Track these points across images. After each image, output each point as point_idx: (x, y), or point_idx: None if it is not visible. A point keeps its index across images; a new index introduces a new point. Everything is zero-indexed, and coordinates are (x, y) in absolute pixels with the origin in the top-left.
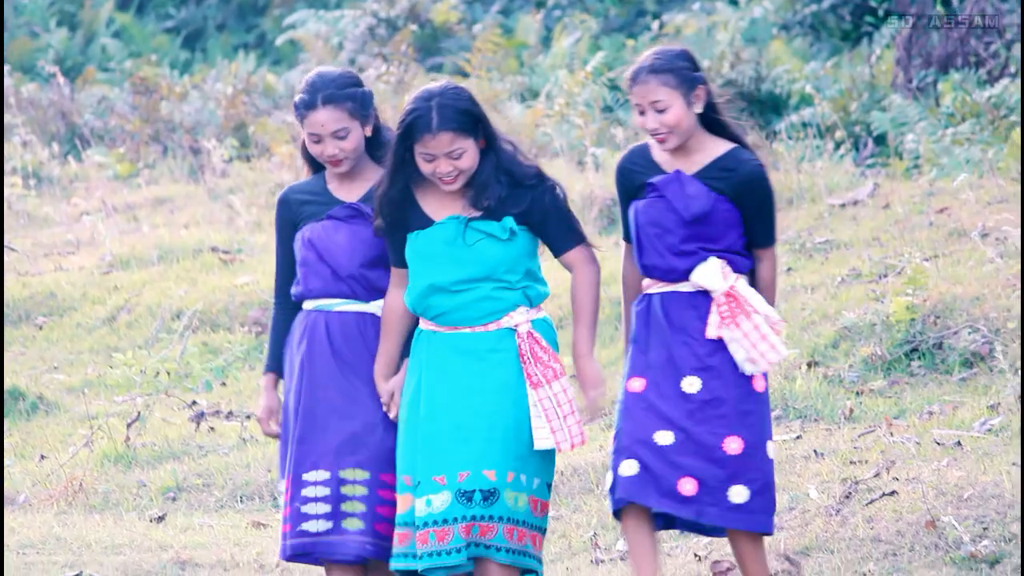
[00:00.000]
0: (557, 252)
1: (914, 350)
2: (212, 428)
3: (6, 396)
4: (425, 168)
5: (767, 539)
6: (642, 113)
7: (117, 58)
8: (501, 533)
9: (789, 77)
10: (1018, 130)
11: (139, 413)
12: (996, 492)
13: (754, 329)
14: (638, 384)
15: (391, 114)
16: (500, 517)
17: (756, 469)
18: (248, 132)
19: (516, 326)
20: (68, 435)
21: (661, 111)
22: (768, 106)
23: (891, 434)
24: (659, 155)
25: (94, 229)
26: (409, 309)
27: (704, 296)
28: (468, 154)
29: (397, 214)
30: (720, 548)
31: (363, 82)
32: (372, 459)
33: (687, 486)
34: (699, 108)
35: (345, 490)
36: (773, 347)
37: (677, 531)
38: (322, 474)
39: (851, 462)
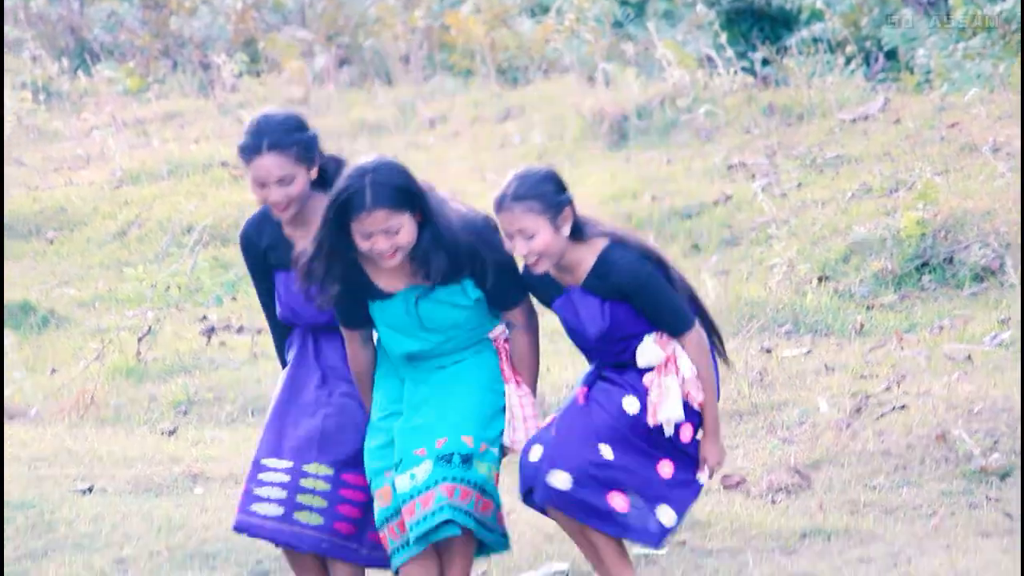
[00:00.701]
0: (501, 309)
1: (924, 264)
2: (223, 343)
3: (17, 310)
4: (363, 245)
5: (778, 452)
6: (510, 238)
7: None
8: (473, 501)
9: None
10: None
11: (150, 327)
12: (1006, 406)
13: (669, 384)
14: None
15: (402, 30)
16: (474, 483)
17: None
18: (258, 47)
19: (494, 338)
20: (79, 349)
21: (529, 237)
22: (779, 21)
23: (901, 348)
24: (557, 272)
25: (104, 144)
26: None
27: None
28: (405, 229)
29: (349, 287)
30: (730, 462)
31: (307, 124)
32: (338, 458)
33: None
34: (567, 230)
35: (305, 483)
36: (672, 407)
37: None
38: (284, 463)
39: (861, 376)
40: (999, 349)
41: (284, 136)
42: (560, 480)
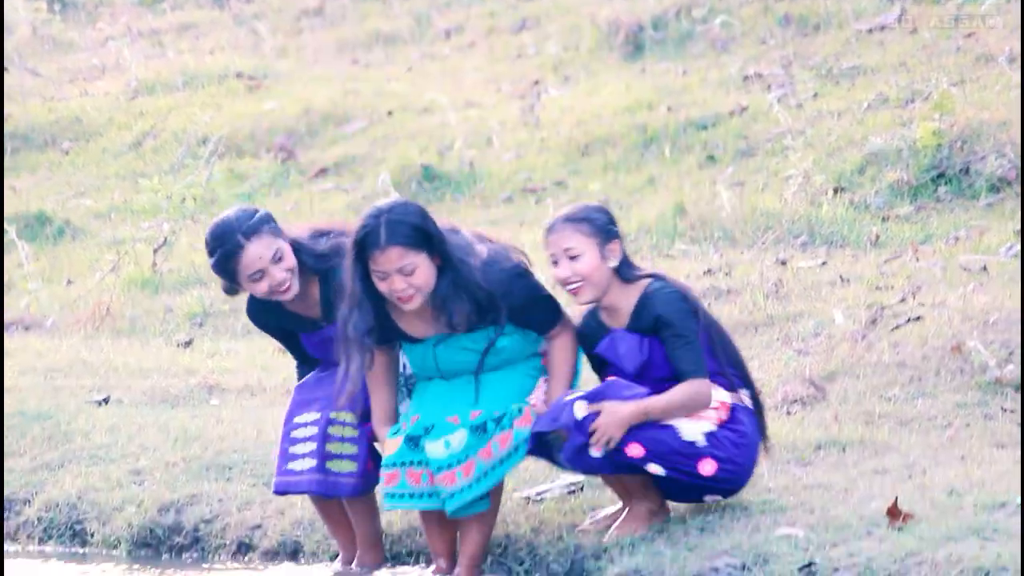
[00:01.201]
0: (541, 334)
1: (940, 175)
2: None
3: (33, 221)
4: (381, 287)
5: (793, 364)
6: (555, 263)
7: None
8: (509, 442)
9: None
10: None
11: (165, 239)
12: (1021, 316)
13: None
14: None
15: None
16: (506, 427)
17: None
18: None
19: None
20: (95, 260)
21: (573, 258)
22: None
23: (917, 259)
24: (604, 315)
25: (119, 54)
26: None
27: None
28: (421, 270)
29: (380, 334)
30: None
31: (255, 207)
32: (365, 409)
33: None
34: (614, 262)
35: (333, 431)
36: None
37: None
38: (312, 415)
39: (877, 287)
40: (1014, 260)
41: (252, 222)
42: (580, 409)
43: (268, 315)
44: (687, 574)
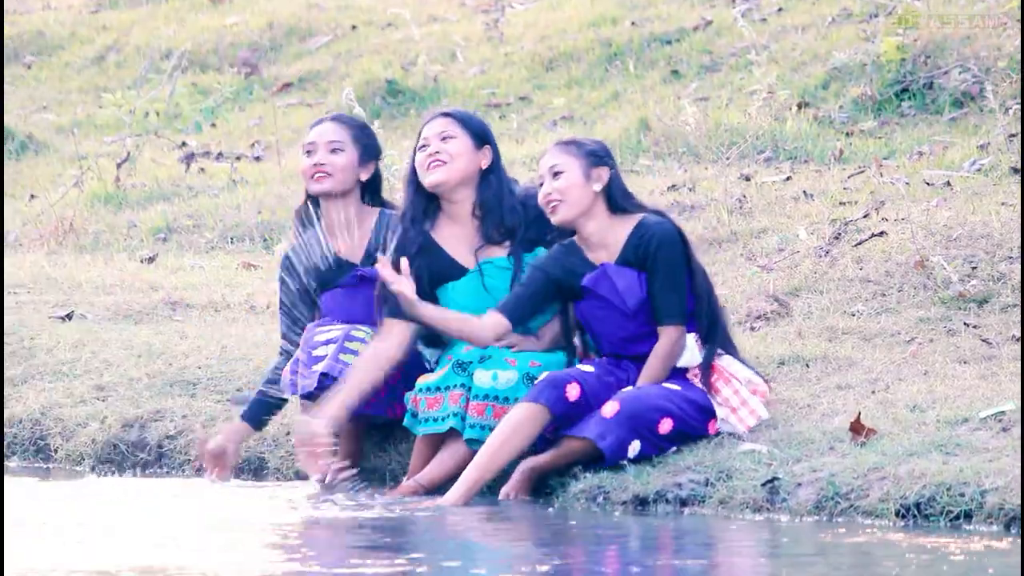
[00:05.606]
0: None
1: (904, 90)
2: (202, 169)
3: None
4: (419, 160)
5: (757, 280)
6: (541, 183)
7: None
8: None
9: None
10: None
11: (129, 154)
12: (985, 231)
13: (734, 394)
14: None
15: None
16: None
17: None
18: None
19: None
20: (58, 175)
21: (556, 175)
22: None
23: (881, 175)
24: (588, 249)
25: None
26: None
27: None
28: (459, 141)
29: (421, 259)
30: None
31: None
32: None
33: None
34: (597, 187)
35: (353, 337)
36: (753, 411)
37: None
38: (334, 329)
39: (841, 203)
40: (978, 175)
41: (345, 116)
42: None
43: (308, 263)
44: (651, 490)
